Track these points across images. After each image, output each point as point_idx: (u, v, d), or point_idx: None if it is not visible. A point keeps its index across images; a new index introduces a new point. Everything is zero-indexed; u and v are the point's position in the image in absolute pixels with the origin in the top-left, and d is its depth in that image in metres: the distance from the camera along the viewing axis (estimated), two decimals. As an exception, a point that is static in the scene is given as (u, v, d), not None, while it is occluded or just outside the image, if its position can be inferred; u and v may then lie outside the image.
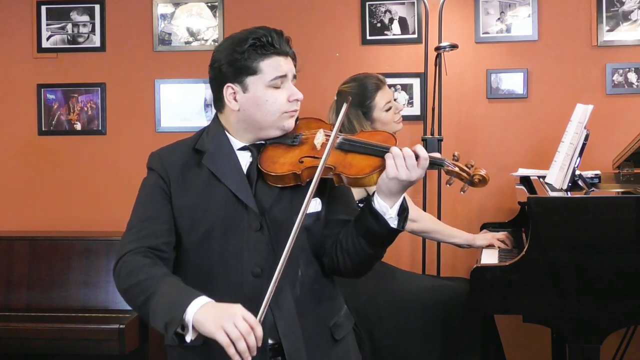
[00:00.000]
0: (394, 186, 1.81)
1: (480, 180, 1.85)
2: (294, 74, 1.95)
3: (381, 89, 3.03)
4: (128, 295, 1.84)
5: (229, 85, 1.91)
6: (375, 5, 3.96)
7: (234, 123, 1.94)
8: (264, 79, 1.89)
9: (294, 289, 1.89)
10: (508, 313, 2.69)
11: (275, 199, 1.90)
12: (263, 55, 1.88)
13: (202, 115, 4.08)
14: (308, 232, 1.92)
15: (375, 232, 1.84)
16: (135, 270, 1.81)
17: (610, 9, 3.80)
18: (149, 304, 1.76)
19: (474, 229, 3.41)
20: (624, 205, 2.51)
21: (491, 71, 3.89)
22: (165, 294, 1.75)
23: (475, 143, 3.93)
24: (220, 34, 4.05)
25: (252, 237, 1.88)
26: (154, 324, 1.76)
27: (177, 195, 1.91)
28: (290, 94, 1.92)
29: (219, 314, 1.68)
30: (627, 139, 3.13)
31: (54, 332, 3.50)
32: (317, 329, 1.94)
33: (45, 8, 4.15)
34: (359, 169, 1.84)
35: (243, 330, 1.65)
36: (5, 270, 3.79)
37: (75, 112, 4.16)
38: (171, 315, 1.70)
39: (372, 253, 1.88)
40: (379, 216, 1.82)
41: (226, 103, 1.92)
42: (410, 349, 2.82)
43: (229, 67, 1.90)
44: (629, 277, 2.46)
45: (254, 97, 1.90)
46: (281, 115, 1.91)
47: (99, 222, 4.10)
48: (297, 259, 1.89)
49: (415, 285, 2.92)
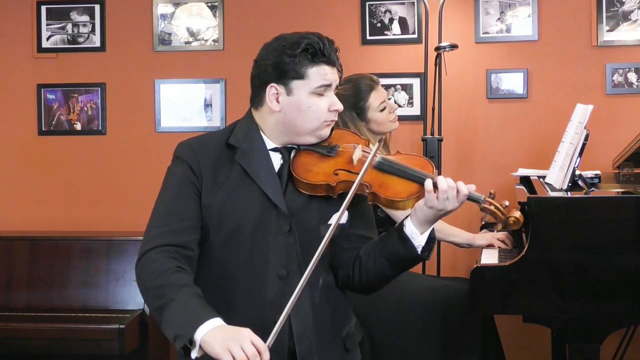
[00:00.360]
0: (430, 214, 1.84)
1: (515, 222, 1.88)
2: (337, 84, 1.96)
3: (374, 89, 3.02)
4: (146, 295, 1.84)
5: (273, 85, 1.90)
6: (375, 5, 3.96)
7: (271, 123, 1.93)
8: (310, 85, 1.89)
9: (314, 296, 1.90)
10: (508, 313, 2.69)
11: (305, 204, 1.90)
12: (313, 62, 1.88)
13: (202, 115, 4.08)
14: (332, 243, 1.90)
15: (400, 256, 1.86)
16: (158, 272, 1.80)
17: (610, 9, 3.80)
18: (164, 311, 1.75)
19: (474, 228, 3.41)
20: (624, 205, 2.51)
21: (491, 71, 3.89)
22: (181, 306, 1.73)
23: (475, 143, 3.93)
24: (220, 34, 4.05)
25: (279, 239, 1.88)
26: (164, 331, 1.76)
27: (207, 191, 1.89)
28: (331, 104, 1.92)
29: (227, 336, 1.66)
30: (627, 139, 3.13)
31: (54, 332, 3.50)
32: (331, 337, 1.94)
33: (45, 8, 4.15)
34: (396, 192, 1.86)
35: (250, 353, 1.63)
36: (5, 270, 3.79)
37: (75, 112, 4.16)
38: (182, 330, 1.69)
39: (391, 275, 1.91)
40: (407, 241, 1.84)
41: (267, 102, 1.91)
42: (410, 349, 2.82)
43: (275, 67, 1.89)
44: (629, 277, 2.46)
45: (297, 102, 1.89)
46: (320, 123, 1.92)
47: (99, 222, 4.10)
48: (321, 267, 1.90)
49: (414, 285, 2.92)
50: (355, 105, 2.98)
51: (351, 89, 3.00)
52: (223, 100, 4.06)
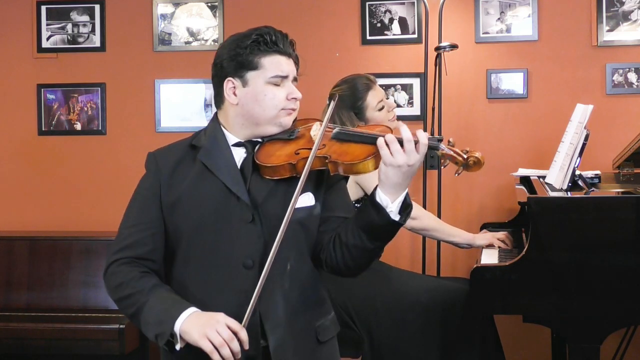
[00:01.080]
0: (394, 175, 1.78)
1: (475, 162, 1.84)
2: (295, 76, 1.98)
3: (372, 88, 3.02)
4: (119, 305, 1.93)
5: (229, 80, 1.94)
6: (375, 5, 3.96)
7: (232, 118, 1.96)
8: (265, 75, 1.91)
9: (282, 282, 1.90)
10: (508, 313, 2.69)
11: (270, 193, 1.91)
12: (265, 51, 1.91)
13: (202, 115, 4.08)
14: (301, 226, 1.93)
15: (376, 225, 1.83)
16: (124, 283, 1.89)
17: (610, 9, 3.80)
18: (139, 315, 1.85)
19: (474, 229, 3.41)
20: (624, 205, 2.51)
21: (491, 71, 3.89)
22: (154, 306, 1.83)
23: (475, 143, 3.93)
24: (220, 34, 4.05)
25: (243, 229, 1.89)
26: (145, 334, 1.86)
27: (167, 192, 1.94)
28: (290, 92, 1.94)
29: (202, 322, 1.75)
30: (627, 139, 3.13)
31: (54, 332, 3.50)
32: (302, 327, 1.94)
33: (45, 8, 4.15)
34: (354, 156, 1.84)
35: (226, 336, 1.72)
36: (5, 270, 3.79)
37: (75, 112, 4.16)
38: (161, 327, 1.79)
39: (372, 248, 1.87)
40: (380, 208, 1.81)
41: (225, 97, 1.95)
42: (409, 349, 2.82)
43: (230, 61, 1.93)
44: (629, 277, 2.46)
45: (253, 92, 1.92)
46: (279, 111, 1.93)
47: (99, 222, 4.10)
48: (288, 253, 1.90)
49: (413, 285, 2.92)
50: (353, 105, 2.98)
51: (348, 89, 3.00)
52: (223, 100, 4.06)
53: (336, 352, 2.07)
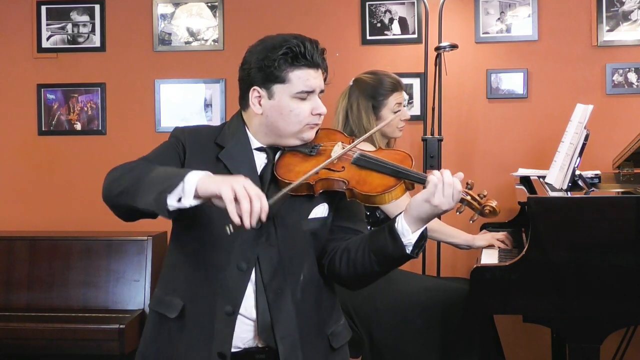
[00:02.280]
0: (424, 211, 1.79)
1: (491, 211, 1.85)
2: (322, 89, 1.94)
3: (397, 90, 3.02)
4: (116, 185, 1.82)
5: (255, 89, 1.91)
6: (375, 5, 3.96)
7: (256, 125, 1.95)
8: (291, 90, 1.89)
9: (295, 292, 1.90)
10: (508, 313, 2.69)
11: (285, 204, 1.88)
12: (294, 66, 1.88)
13: (202, 115, 4.08)
14: (314, 237, 1.92)
15: (388, 253, 1.83)
16: (126, 167, 1.84)
17: (610, 9, 3.80)
18: (141, 182, 1.75)
19: (474, 229, 3.41)
20: (624, 205, 2.50)
21: (491, 71, 3.89)
22: (160, 172, 1.75)
23: (475, 143, 3.93)
24: (220, 34, 4.05)
25: (250, 233, 1.87)
26: (143, 200, 1.73)
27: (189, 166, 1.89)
28: (315, 107, 1.92)
29: (227, 178, 1.69)
30: (627, 139, 3.13)
31: (54, 332, 3.50)
32: (315, 335, 1.94)
33: (45, 8, 4.15)
34: (372, 187, 1.84)
35: (252, 192, 1.64)
36: (5, 270, 3.79)
37: (75, 112, 4.16)
38: (168, 182, 1.69)
39: (378, 271, 1.89)
40: (397, 238, 1.81)
41: (250, 105, 1.93)
42: (409, 349, 2.82)
43: (258, 71, 1.89)
44: (629, 277, 2.46)
45: (279, 106, 1.90)
46: (302, 127, 1.91)
47: (99, 222, 4.09)
48: (302, 263, 1.90)
49: (413, 285, 2.92)
50: (374, 96, 2.98)
51: (375, 80, 3.00)
52: (223, 100, 4.06)
53: (347, 357, 2.07)
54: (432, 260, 3.78)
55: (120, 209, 1.86)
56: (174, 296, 1.92)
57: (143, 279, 3.71)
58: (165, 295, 1.95)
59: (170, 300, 1.92)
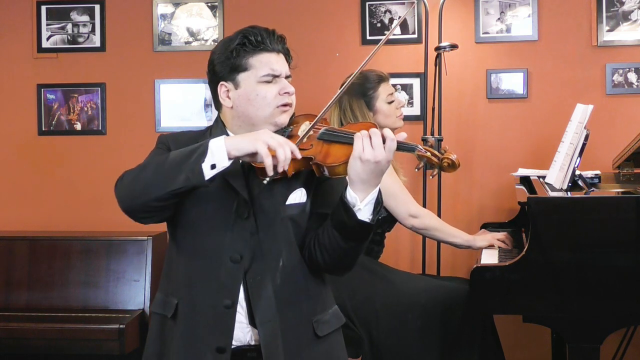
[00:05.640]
0: (361, 170, 1.76)
1: (449, 165, 1.80)
2: (288, 73, 1.97)
3: (384, 81, 3.06)
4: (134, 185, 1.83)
5: (222, 84, 1.95)
6: (375, 5, 3.96)
7: (230, 120, 1.98)
8: (255, 75, 1.92)
9: (274, 278, 1.90)
10: (508, 313, 2.69)
11: (263, 190, 1.90)
12: (252, 51, 1.92)
13: (202, 115, 4.08)
14: (293, 223, 1.93)
15: (345, 224, 1.81)
16: (134, 168, 1.87)
17: (610, 9, 3.80)
18: (163, 171, 1.79)
19: (474, 229, 3.41)
20: (624, 205, 2.51)
21: (491, 71, 3.89)
22: (176, 154, 1.81)
23: (475, 143, 3.93)
24: (220, 34, 4.05)
25: (238, 224, 1.89)
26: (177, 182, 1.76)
27: None
28: (281, 88, 1.94)
29: (251, 135, 1.78)
30: (627, 139, 3.13)
31: (54, 332, 3.50)
32: (297, 322, 1.93)
33: (45, 8, 4.15)
34: (336, 158, 1.82)
35: (281, 140, 1.76)
36: (5, 270, 3.79)
37: (75, 112, 4.16)
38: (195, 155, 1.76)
39: (347, 247, 1.85)
40: (348, 208, 1.79)
41: (221, 102, 1.96)
42: (409, 349, 2.82)
43: (221, 66, 1.94)
44: (629, 277, 2.46)
45: (245, 93, 1.93)
46: (273, 110, 1.93)
47: (99, 222, 4.10)
48: (280, 249, 1.91)
49: (413, 285, 2.92)
50: (364, 93, 3.01)
51: (360, 78, 3.02)
52: (223, 100, 4.06)
53: (339, 346, 2.04)
54: (432, 260, 3.78)
55: (146, 208, 1.84)
56: (173, 297, 1.94)
57: (143, 279, 3.71)
58: (165, 297, 1.97)
59: (170, 301, 1.94)
